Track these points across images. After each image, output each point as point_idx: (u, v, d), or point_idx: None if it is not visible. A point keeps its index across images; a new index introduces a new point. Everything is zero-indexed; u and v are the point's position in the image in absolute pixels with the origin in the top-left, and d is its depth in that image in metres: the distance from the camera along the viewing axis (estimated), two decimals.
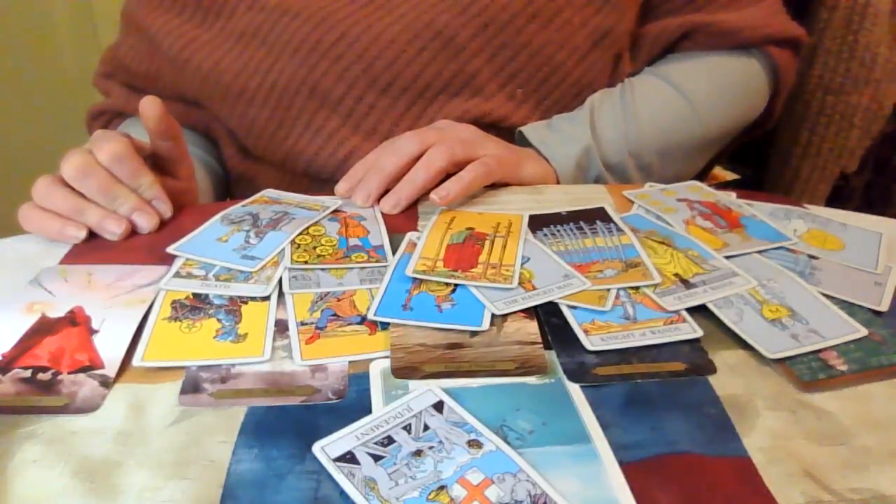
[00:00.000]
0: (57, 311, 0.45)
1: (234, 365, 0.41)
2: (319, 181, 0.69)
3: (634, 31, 0.73)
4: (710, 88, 0.73)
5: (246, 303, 0.46)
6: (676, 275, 0.48)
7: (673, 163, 0.72)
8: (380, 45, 0.64)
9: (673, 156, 0.72)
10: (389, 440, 0.35)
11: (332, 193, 0.59)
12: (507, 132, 0.68)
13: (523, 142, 0.67)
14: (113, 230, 0.53)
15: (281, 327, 0.44)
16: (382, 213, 0.57)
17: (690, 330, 0.43)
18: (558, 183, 0.65)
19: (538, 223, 0.54)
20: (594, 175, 0.68)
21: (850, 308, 0.46)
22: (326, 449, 0.35)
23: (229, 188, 0.79)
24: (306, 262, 0.49)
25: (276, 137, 0.68)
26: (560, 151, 0.66)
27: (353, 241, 0.52)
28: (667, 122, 0.71)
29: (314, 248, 0.51)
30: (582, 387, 0.40)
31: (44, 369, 0.41)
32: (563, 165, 0.65)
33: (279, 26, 0.65)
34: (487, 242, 0.51)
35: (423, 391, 0.38)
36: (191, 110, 0.74)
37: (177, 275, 0.48)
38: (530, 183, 0.63)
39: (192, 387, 0.40)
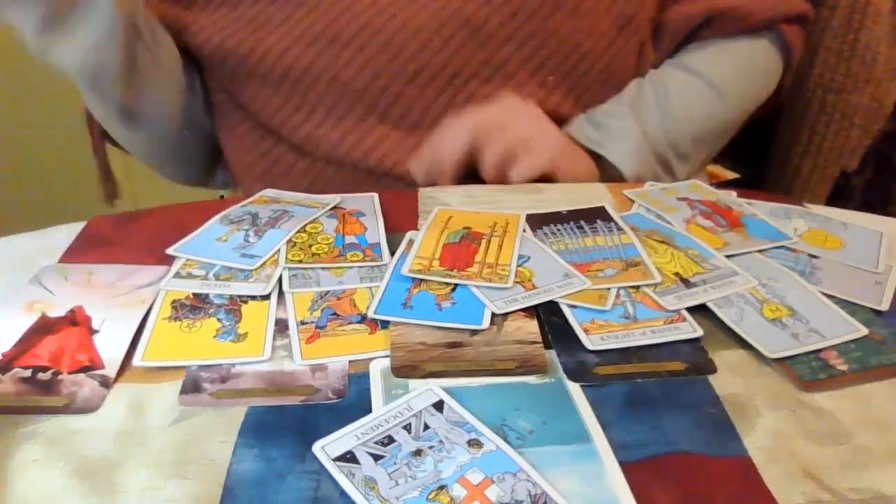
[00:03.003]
0: (57, 311, 0.45)
1: (234, 364, 0.41)
2: (340, 166, 0.68)
3: (655, 18, 0.73)
4: (733, 75, 0.74)
5: (246, 302, 0.46)
6: (677, 274, 0.48)
7: (705, 148, 0.73)
8: (405, 35, 0.63)
9: (705, 142, 0.73)
10: (389, 440, 0.35)
11: (355, 181, 0.59)
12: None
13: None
14: None
15: (281, 326, 0.44)
16: (383, 211, 0.56)
17: (690, 329, 0.43)
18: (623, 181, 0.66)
19: (538, 222, 0.54)
20: (650, 169, 0.68)
21: (850, 307, 0.46)
22: (326, 448, 0.35)
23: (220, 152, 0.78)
24: (300, 261, 0.49)
25: (293, 120, 0.67)
26: (618, 149, 0.66)
27: (349, 239, 0.52)
28: (699, 115, 0.72)
29: (310, 246, 0.51)
30: (582, 386, 0.40)
31: (44, 369, 0.41)
32: (624, 164, 0.66)
33: (294, 18, 0.64)
34: (484, 242, 0.51)
35: (424, 390, 0.38)
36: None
37: (177, 275, 0.48)
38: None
39: (192, 386, 0.40)
